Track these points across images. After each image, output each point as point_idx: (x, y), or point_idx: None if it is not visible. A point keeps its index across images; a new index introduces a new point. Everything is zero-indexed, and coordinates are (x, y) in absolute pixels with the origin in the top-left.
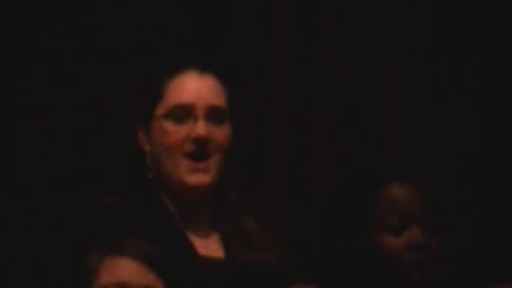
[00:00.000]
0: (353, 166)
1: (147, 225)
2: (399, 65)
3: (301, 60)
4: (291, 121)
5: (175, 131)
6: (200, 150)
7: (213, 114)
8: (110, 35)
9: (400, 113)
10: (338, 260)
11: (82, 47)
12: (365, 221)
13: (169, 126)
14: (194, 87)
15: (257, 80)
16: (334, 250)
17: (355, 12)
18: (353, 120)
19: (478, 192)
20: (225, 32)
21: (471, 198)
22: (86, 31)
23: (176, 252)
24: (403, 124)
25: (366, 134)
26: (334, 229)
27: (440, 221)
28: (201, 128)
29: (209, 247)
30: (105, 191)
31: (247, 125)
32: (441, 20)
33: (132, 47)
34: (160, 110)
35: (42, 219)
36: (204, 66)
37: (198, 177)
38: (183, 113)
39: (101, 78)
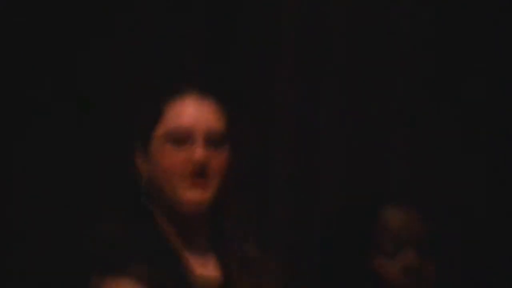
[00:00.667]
0: (357, 187)
1: (143, 247)
2: (405, 86)
3: (306, 79)
4: (295, 146)
5: (174, 154)
6: (198, 172)
7: (212, 138)
8: (111, 56)
9: (403, 136)
10: (336, 283)
11: (83, 68)
12: (362, 245)
13: (168, 148)
14: (194, 111)
15: (260, 100)
16: (333, 273)
17: (363, 29)
18: (358, 140)
19: (478, 216)
20: (227, 56)
21: (470, 222)
22: (88, 52)
23: (174, 272)
24: (406, 148)
25: (370, 152)
26: (333, 252)
27: (436, 245)
28: (199, 152)
29: (207, 267)
30: (102, 212)
31: (248, 148)
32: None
33: (133, 68)
34: (159, 132)
35: (42, 242)
36: (204, 91)
37: (197, 193)
38: (182, 136)
39: (100, 99)
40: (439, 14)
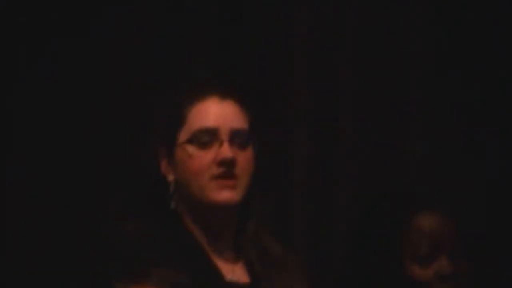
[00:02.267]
0: (378, 188)
1: (171, 252)
2: (423, 90)
3: (322, 82)
4: (314, 143)
5: (200, 156)
6: (227, 171)
7: (237, 138)
8: (131, 61)
9: (429, 137)
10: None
11: (103, 73)
12: (395, 249)
13: (194, 151)
14: (217, 112)
15: (279, 103)
16: (363, 277)
17: (375, 37)
18: (378, 139)
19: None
20: (246, 57)
21: (500, 226)
22: (107, 59)
23: (202, 278)
24: (434, 148)
25: (392, 154)
26: (364, 256)
27: (470, 250)
28: (226, 151)
29: (235, 272)
30: (130, 217)
31: (269, 149)
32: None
33: (152, 74)
34: (183, 136)
35: (65, 245)
36: (225, 92)
37: (227, 194)
38: (207, 137)
39: (121, 106)
40: (450, 33)
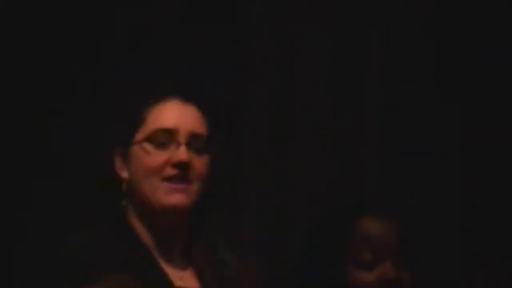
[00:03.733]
0: (331, 195)
1: (121, 257)
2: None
3: (280, 86)
4: (269, 152)
5: (156, 155)
6: (180, 174)
7: (195, 142)
8: (94, 60)
9: (380, 143)
10: None
11: (66, 71)
12: (339, 255)
13: (150, 149)
14: (177, 113)
15: (235, 107)
16: (310, 282)
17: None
18: (333, 149)
19: (456, 227)
20: (209, 65)
21: (448, 232)
22: (74, 59)
23: (151, 283)
24: (383, 154)
25: (346, 162)
26: (310, 262)
27: (413, 257)
28: (183, 153)
29: (184, 278)
30: (81, 218)
31: (224, 157)
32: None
33: (114, 74)
34: (141, 135)
35: (19, 248)
36: (187, 96)
37: (177, 197)
38: (165, 137)
39: (80, 105)
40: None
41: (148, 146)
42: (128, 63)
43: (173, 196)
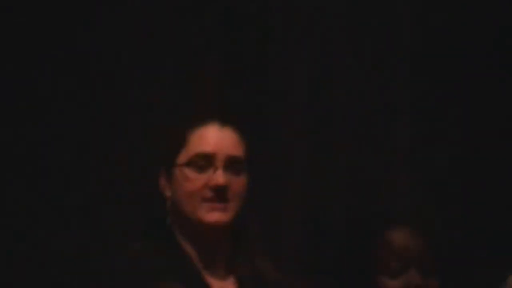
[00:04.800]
0: (362, 208)
1: (170, 268)
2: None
3: (314, 111)
4: (306, 169)
5: (196, 179)
6: (218, 196)
7: (232, 164)
8: (136, 87)
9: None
10: None
11: (111, 97)
12: (369, 264)
13: (190, 173)
14: (215, 138)
15: (272, 132)
16: None
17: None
18: (362, 165)
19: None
20: (247, 89)
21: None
22: (115, 86)
23: None
24: (407, 173)
25: (374, 175)
26: (343, 271)
27: (438, 264)
28: (220, 177)
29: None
30: (130, 234)
31: (263, 175)
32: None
33: (156, 98)
34: (182, 158)
35: (74, 261)
36: (224, 120)
37: (216, 215)
38: (204, 162)
39: (127, 128)
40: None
41: (188, 170)
42: (170, 89)
43: (213, 215)
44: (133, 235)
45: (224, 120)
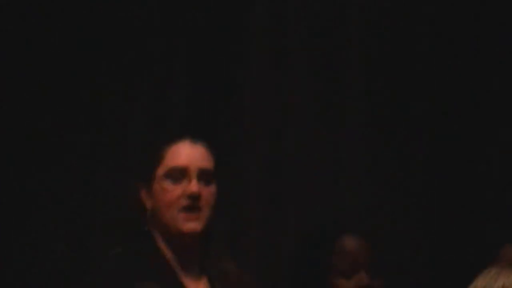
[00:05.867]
0: (315, 216)
1: (149, 270)
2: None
3: (271, 127)
4: (264, 184)
5: (173, 189)
6: (193, 204)
7: (203, 176)
8: (118, 111)
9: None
10: None
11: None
12: (324, 267)
13: (168, 185)
14: (188, 153)
15: (234, 148)
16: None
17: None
18: (319, 182)
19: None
20: (213, 112)
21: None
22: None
23: None
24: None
25: (330, 192)
26: (300, 272)
27: (383, 266)
28: (194, 186)
29: (199, 286)
30: (113, 241)
31: (226, 184)
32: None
33: (135, 121)
34: (160, 171)
35: (61, 263)
36: (196, 137)
37: (191, 225)
38: (179, 174)
39: (109, 147)
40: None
41: (165, 182)
42: (147, 113)
43: (188, 224)
44: (117, 241)
45: (195, 137)
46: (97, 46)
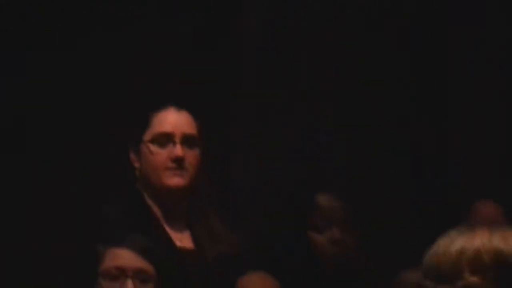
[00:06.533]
0: (297, 177)
1: (137, 223)
2: None
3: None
4: (252, 145)
5: (159, 153)
6: (178, 166)
7: (187, 140)
8: (109, 79)
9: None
10: (283, 252)
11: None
12: (302, 223)
13: (155, 149)
14: (173, 119)
15: (222, 112)
16: (280, 244)
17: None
18: (300, 147)
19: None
20: (199, 77)
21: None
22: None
23: (159, 243)
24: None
25: (309, 156)
26: (279, 229)
27: (356, 223)
28: (178, 150)
29: (183, 240)
30: (105, 198)
31: (214, 149)
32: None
33: (126, 89)
34: (147, 136)
35: (60, 219)
36: (180, 104)
37: (176, 180)
38: (165, 139)
39: (101, 113)
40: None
41: (152, 146)
42: (136, 80)
43: (173, 179)
44: (109, 198)
45: (180, 104)
46: None
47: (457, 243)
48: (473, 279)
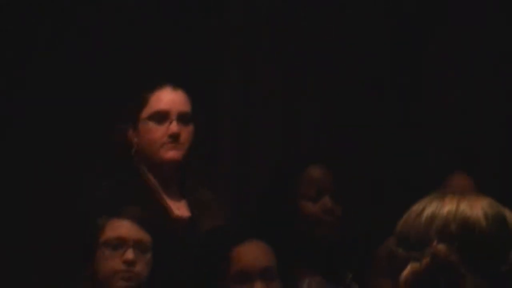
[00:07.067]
0: (284, 149)
1: (136, 195)
2: None
3: (245, 80)
4: (240, 122)
5: (156, 129)
6: (174, 141)
7: (182, 118)
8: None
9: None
10: (274, 222)
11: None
12: (293, 192)
13: (152, 125)
14: (169, 98)
15: (211, 91)
16: (271, 214)
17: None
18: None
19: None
20: (193, 60)
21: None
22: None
23: (158, 213)
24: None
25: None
26: (271, 198)
27: (344, 194)
28: (174, 127)
29: (180, 209)
30: (105, 172)
31: (203, 126)
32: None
33: (124, 67)
34: (145, 114)
35: (58, 193)
36: (176, 84)
37: (172, 153)
38: (162, 116)
39: (101, 90)
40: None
41: (150, 123)
42: (134, 59)
43: (169, 152)
44: (108, 173)
45: (176, 84)
46: None
47: (427, 210)
48: (441, 247)
